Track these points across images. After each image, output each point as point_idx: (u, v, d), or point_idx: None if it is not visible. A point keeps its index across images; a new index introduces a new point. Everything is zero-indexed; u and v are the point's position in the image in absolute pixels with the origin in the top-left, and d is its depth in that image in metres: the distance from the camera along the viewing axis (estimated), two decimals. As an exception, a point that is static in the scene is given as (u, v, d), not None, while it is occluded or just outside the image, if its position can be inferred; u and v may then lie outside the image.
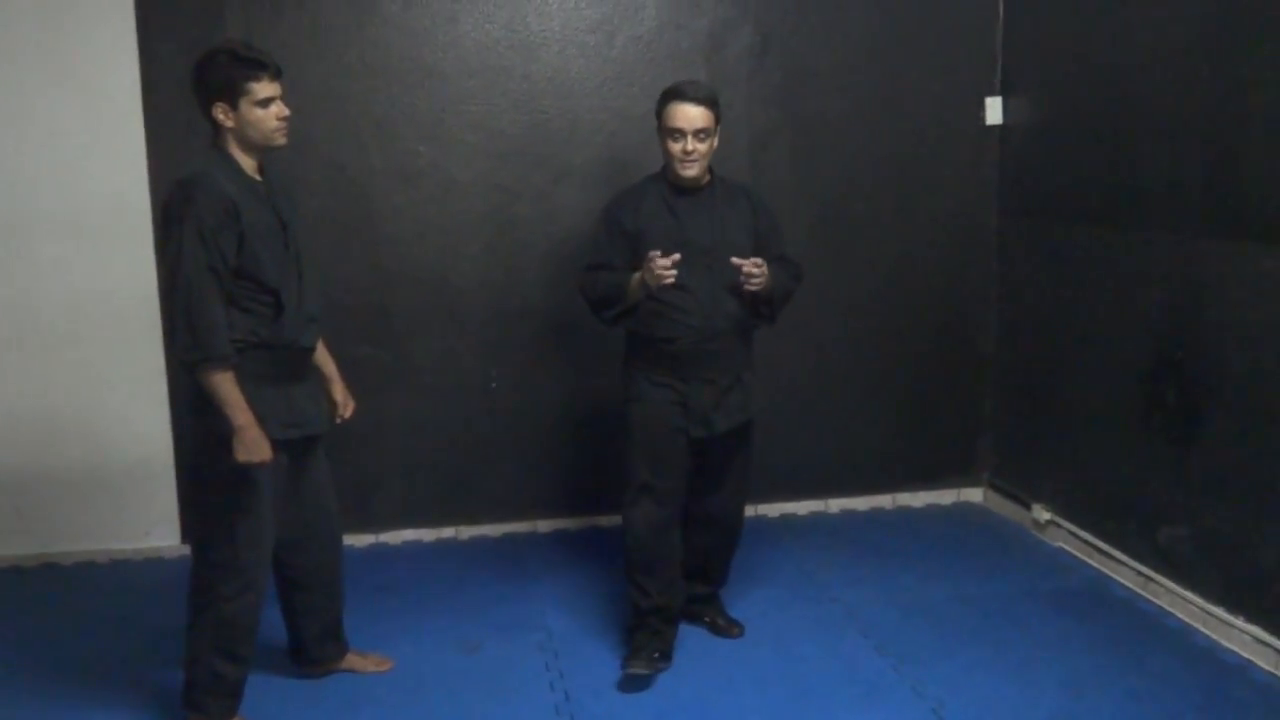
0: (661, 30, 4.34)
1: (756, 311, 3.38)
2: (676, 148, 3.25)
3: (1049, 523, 4.30)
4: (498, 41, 4.26)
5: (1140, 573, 3.80)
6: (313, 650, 3.31)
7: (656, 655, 3.34)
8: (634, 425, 3.37)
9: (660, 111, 3.29)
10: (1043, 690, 3.21)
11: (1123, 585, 3.88)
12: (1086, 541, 4.09)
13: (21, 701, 3.27)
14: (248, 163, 2.85)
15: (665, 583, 3.39)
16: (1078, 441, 4.16)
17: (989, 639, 3.53)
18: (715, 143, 3.31)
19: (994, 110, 4.53)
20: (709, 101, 3.25)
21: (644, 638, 3.39)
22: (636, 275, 3.22)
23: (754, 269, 3.16)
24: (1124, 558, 3.89)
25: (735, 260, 3.17)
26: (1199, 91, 3.47)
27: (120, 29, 4.03)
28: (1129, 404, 3.85)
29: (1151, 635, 3.54)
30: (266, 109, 2.79)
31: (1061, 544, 4.24)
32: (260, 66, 2.77)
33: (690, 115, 3.22)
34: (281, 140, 2.85)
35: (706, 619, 3.66)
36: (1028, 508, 4.42)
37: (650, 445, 3.34)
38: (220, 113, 2.77)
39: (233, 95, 2.76)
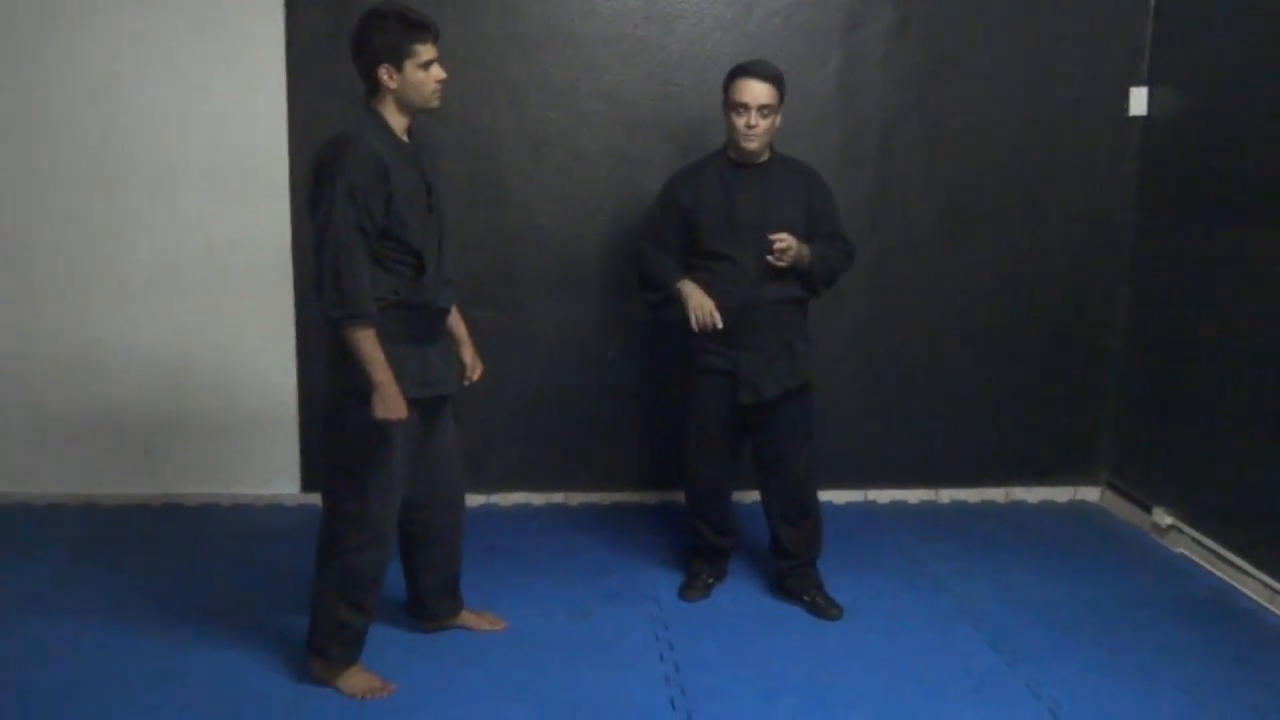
0: (799, 6, 4.28)
1: (805, 283, 3.51)
2: (740, 121, 3.39)
3: (1170, 527, 4.18)
4: (634, 12, 4.25)
5: (1267, 585, 3.68)
6: (430, 606, 3.38)
7: (711, 581, 3.77)
8: (693, 391, 3.61)
9: (727, 86, 3.43)
10: (1163, 697, 3.13)
11: (1248, 596, 3.76)
12: (1210, 549, 3.97)
13: (145, 633, 3.39)
14: (399, 124, 2.89)
15: (718, 525, 3.74)
16: (1205, 447, 4.03)
17: (1106, 642, 3.45)
18: (778, 121, 3.45)
19: (1139, 101, 4.38)
20: (775, 79, 3.39)
21: (699, 565, 3.79)
22: (684, 283, 3.45)
23: (781, 244, 3.30)
24: (1250, 568, 3.77)
25: (771, 236, 3.31)
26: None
27: (267, -13, 4.13)
28: (1263, 411, 3.71)
29: (1278, 649, 3.43)
30: (428, 71, 2.83)
31: (1183, 550, 4.12)
32: (425, 29, 2.81)
33: (755, 91, 3.36)
34: (437, 102, 2.89)
35: (806, 598, 3.65)
36: (1148, 511, 4.31)
37: (703, 410, 3.59)
38: (385, 74, 2.81)
39: (398, 57, 2.79)
